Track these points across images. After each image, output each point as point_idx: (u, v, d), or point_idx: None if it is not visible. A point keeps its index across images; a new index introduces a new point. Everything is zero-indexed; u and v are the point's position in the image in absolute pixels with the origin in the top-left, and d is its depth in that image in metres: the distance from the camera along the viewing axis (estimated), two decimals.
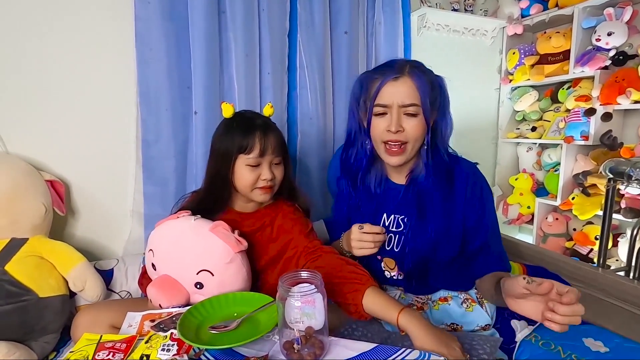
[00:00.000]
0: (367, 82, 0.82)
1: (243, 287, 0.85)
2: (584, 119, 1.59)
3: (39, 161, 1.15)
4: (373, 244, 0.80)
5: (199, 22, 1.21)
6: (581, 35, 1.61)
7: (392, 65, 0.80)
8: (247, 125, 0.87)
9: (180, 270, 0.82)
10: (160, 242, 0.85)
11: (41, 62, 1.13)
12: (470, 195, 0.84)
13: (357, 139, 0.90)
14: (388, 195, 0.90)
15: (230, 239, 0.82)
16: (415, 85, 0.77)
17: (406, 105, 0.78)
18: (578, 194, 1.63)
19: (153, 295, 0.79)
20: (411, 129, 0.79)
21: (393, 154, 0.81)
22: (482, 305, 0.89)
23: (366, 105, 0.83)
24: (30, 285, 0.96)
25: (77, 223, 1.24)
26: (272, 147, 0.87)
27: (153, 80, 1.22)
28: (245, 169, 0.87)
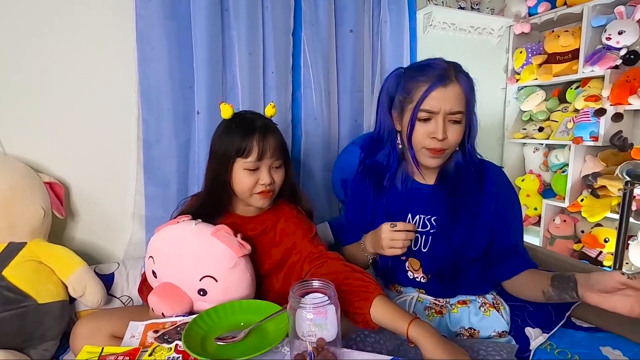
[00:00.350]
0: (408, 84, 0.79)
1: (248, 293, 0.82)
2: (593, 120, 1.56)
3: (38, 162, 1.12)
4: (403, 242, 0.76)
5: (201, 21, 1.19)
6: (591, 34, 1.58)
7: (436, 68, 0.76)
8: (245, 127, 0.83)
9: (183, 277, 0.80)
10: (161, 248, 0.82)
11: (40, 61, 1.10)
12: (502, 198, 0.84)
13: (388, 139, 0.87)
14: (413, 195, 0.88)
15: (233, 242, 0.79)
16: (464, 92, 0.76)
17: (454, 113, 0.75)
18: (587, 196, 1.60)
19: (155, 304, 0.76)
20: (453, 137, 0.77)
21: (435, 154, 0.78)
22: (498, 310, 0.87)
23: (403, 106, 0.80)
24: (29, 291, 0.93)
25: (76, 226, 1.21)
26: (271, 150, 0.83)
27: (154, 80, 1.19)
28: (243, 173, 0.83)
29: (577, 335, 0.89)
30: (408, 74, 0.81)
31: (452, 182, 0.83)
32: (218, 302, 0.77)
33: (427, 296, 0.87)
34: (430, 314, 0.86)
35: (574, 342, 0.86)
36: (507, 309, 0.90)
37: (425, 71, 0.77)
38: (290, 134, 1.41)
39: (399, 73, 0.83)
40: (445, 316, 0.85)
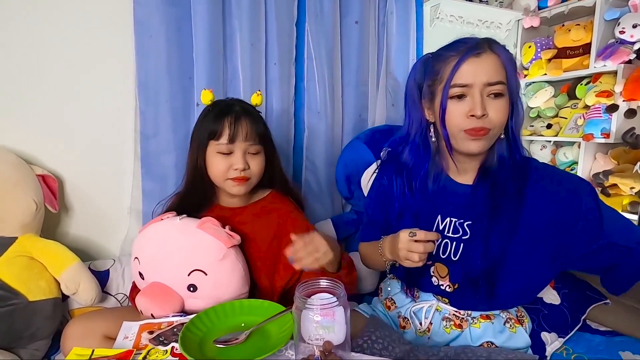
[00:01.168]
0: (436, 64, 0.70)
1: (241, 285, 0.79)
2: (605, 116, 1.51)
3: (31, 154, 1.08)
4: (419, 256, 0.66)
5: (201, 8, 1.14)
6: (603, 28, 1.53)
7: (467, 41, 0.68)
8: (219, 110, 0.82)
9: (170, 274, 0.76)
10: (145, 247, 0.79)
11: (34, 50, 1.06)
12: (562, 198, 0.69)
13: (417, 133, 0.77)
14: (446, 195, 0.77)
15: (220, 234, 0.76)
16: (502, 61, 0.66)
17: (492, 84, 0.64)
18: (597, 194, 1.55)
19: (143, 305, 0.72)
20: (496, 114, 0.65)
21: (477, 135, 0.66)
22: (523, 324, 0.79)
23: (432, 90, 0.70)
24: (19, 288, 0.89)
25: (70, 221, 1.17)
26: (244, 133, 0.80)
27: (152, 70, 1.15)
28: (216, 157, 0.81)
29: (595, 339, 0.85)
30: (435, 55, 0.72)
31: (493, 178, 0.72)
32: (209, 298, 0.74)
33: (447, 306, 0.78)
34: (448, 325, 0.77)
35: (592, 347, 0.82)
36: (530, 321, 0.82)
37: (455, 46, 0.69)
38: (293, 128, 1.37)
39: (426, 58, 0.75)
40: (466, 331, 0.76)
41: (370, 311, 0.92)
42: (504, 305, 0.77)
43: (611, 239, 0.68)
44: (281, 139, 1.34)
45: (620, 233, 0.69)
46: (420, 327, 0.80)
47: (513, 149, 0.72)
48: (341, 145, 1.45)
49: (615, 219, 0.70)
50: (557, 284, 0.96)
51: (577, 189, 0.70)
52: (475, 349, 0.70)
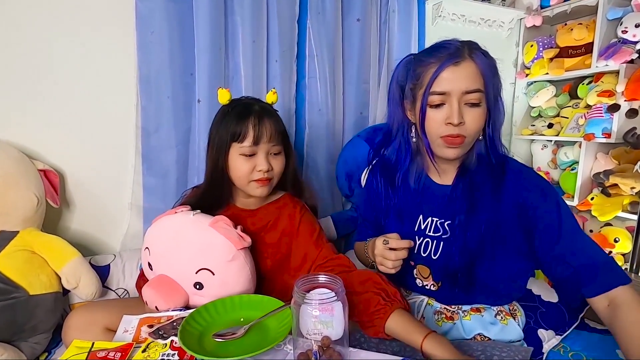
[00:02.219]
0: (417, 67, 0.70)
1: (247, 288, 0.78)
2: (606, 116, 1.51)
3: (32, 149, 1.09)
4: (392, 263, 0.69)
5: (203, 5, 1.14)
6: (605, 27, 1.52)
7: (447, 47, 0.68)
8: (241, 111, 0.80)
9: (178, 270, 0.76)
10: (157, 239, 0.78)
11: (36, 44, 1.06)
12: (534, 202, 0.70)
13: (399, 132, 0.79)
14: (427, 196, 0.79)
15: (232, 234, 0.75)
16: (481, 70, 0.66)
17: (470, 92, 0.66)
18: (597, 194, 1.56)
19: (149, 296, 0.72)
20: (472, 122, 0.67)
21: (453, 144, 0.69)
22: (515, 317, 0.80)
23: (414, 93, 0.72)
24: (20, 282, 0.89)
25: (72, 216, 1.17)
26: (267, 134, 0.79)
27: (154, 66, 1.15)
28: (239, 159, 0.79)
29: (592, 337, 0.85)
30: (417, 58, 0.73)
31: (471, 177, 0.73)
32: (215, 297, 0.73)
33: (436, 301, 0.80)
34: (440, 319, 0.78)
35: (589, 345, 0.82)
36: (524, 316, 0.82)
37: (436, 52, 0.69)
38: (294, 125, 1.37)
39: (408, 59, 0.75)
40: (457, 322, 0.77)
41: None
42: (486, 300, 0.78)
43: (563, 251, 0.68)
44: None
45: (573, 249, 0.68)
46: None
47: (490, 149, 0.73)
48: (342, 142, 1.45)
49: (572, 232, 0.69)
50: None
51: (545, 190, 0.71)
52: (471, 343, 0.71)
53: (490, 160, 0.73)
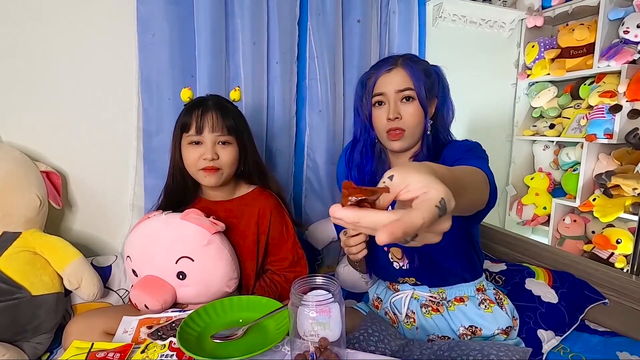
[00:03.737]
0: (366, 80, 0.88)
1: (229, 270, 0.82)
2: (608, 116, 1.50)
3: (35, 151, 1.09)
4: (355, 248, 0.78)
5: (204, 7, 1.15)
6: (607, 28, 1.52)
7: (386, 60, 0.86)
8: (191, 105, 0.88)
9: (159, 265, 0.79)
10: (135, 245, 0.82)
11: (38, 46, 1.07)
12: (447, 153, 0.82)
13: (363, 135, 0.92)
14: None
15: (204, 222, 0.80)
16: (408, 73, 0.82)
17: (401, 90, 0.81)
18: (599, 195, 1.55)
19: (136, 296, 0.75)
20: (409, 116, 0.81)
21: (394, 137, 0.83)
22: (501, 306, 0.85)
23: (366, 100, 0.87)
24: (23, 283, 0.90)
25: (74, 217, 1.18)
26: (211, 124, 0.84)
27: (155, 68, 1.16)
28: (188, 148, 0.86)
29: (593, 339, 0.85)
30: (366, 73, 0.89)
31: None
32: (199, 283, 0.77)
33: (422, 293, 0.87)
34: (427, 311, 0.85)
35: (589, 347, 0.82)
36: (511, 305, 0.88)
37: (376, 65, 0.87)
38: (294, 126, 1.37)
39: (362, 77, 0.91)
40: (444, 314, 0.84)
41: (367, 309, 0.94)
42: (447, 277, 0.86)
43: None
44: (283, 137, 1.35)
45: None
46: (402, 315, 0.87)
47: (435, 141, 0.86)
48: (342, 143, 1.45)
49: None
50: (555, 284, 0.96)
51: (459, 142, 0.83)
52: (469, 343, 0.72)
53: (435, 150, 0.85)
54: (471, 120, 1.81)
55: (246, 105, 1.25)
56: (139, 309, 0.75)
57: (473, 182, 0.53)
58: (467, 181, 0.50)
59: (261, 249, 0.92)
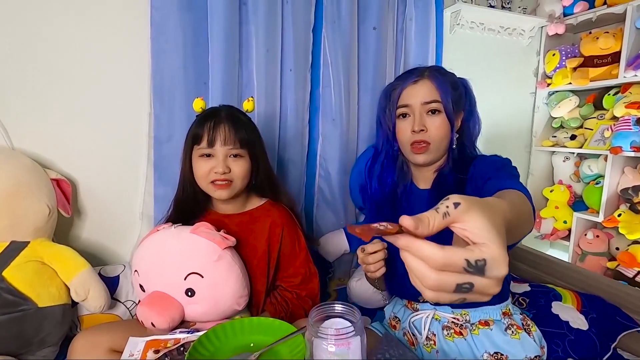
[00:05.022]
0: (390, 91, 0.86)
1: (240, 287, 0.78)
2: (635, 128, 1.44)
3: (46, 158, 1.08)
4: (373, 266, 0.75)
5: (218, 14, 1.13)
6: (634, 36, 1.46)
7: (412, 72, 0.84)
8: (203, 117, 0.86)
9: (167, 281, 0.76)
10: (143, 259, 0.79)
11: (50, 52, 1.06)
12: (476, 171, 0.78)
13: (385, 147, 0.90)
14: (413, 202, 0.88)
15: (214, 236, 0.77)
16: (435, 85, 0.80)
17: (428, 102, 0.79)
18: (625, 211, 1.48)
19: (142, 314, 0.72)
20: (435, 129, 0.80)
21: (418, 151, 0.81)
22: (529, 333, 0.80)
23: (390, 111, 0.85)
24: (29, 294, 0.88)
25: (83, 225, 1.16)
26: (223, 137, 0.82)
27: (168, 75, 1.14)
28: (199, 160, 0.84)
29: None
30: (391, 85, 0.88)
31: (445, 180, 0.82)
32: (208, 301, 0.74)
33: (444, 314, 0.82)
34: (449, 334, 0.80)
35: None
36: (539, 332, 0.82)
37: (402, 76, 0.86)
38: (307, 135, 1.34)
39: (386, 88, 0.90)
40: (468, 338, 0.78)
41: (383, 330, 0.89)
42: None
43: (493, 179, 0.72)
44: (295, 146, 1.31)
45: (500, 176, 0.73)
46: (421, 337, 0.82)
47: (462, 154, 0.84)
48: (356, 153, 1.42)
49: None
50: (584, 308, 0.90)
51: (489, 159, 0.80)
52: None
53: (462, 165, 0.81)
54: (488, 129, 1.76)
55: (259, 113, 1.23)
56: (146, 326, 0.72)
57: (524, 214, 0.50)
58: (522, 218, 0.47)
59: (272, 264, 0.88)
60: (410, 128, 0.80)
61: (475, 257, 0.30)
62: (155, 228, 0.83)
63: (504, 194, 0.54)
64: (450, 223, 0.33)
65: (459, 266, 0.30)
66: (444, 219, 0.32)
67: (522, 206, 0.50)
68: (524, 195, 0.55)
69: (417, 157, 0.82)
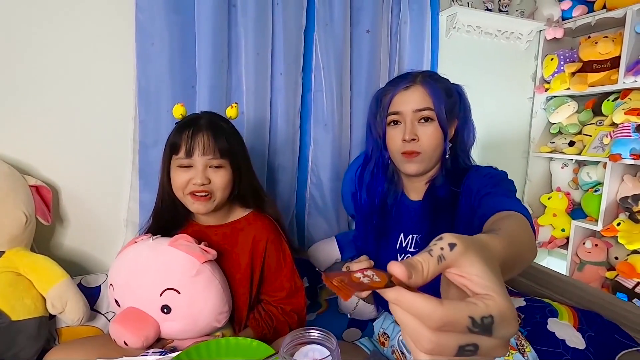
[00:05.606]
0: (381, 96, 0.83)
1: (219, 303, 0.75)
2: (634, 135, 1.40)
3: (25, 163, 1.05)
4: None
5: (206, 15, 1.10)
6: (634, 41, 1.43)
7: (404, 77, 0.80)
8: (182, 125, 0.82)
9: (142, 297, 0.72)
10: (119, 272, 0.76)
11: (31, 53, 1.03)
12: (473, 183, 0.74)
13: (375, 154, 0.87)
14: (404, 214, 0.85)
15: (194, 249, 0.73)
16: (428, 92, 0.76)
17: (420, 110, 0.76)
18: (625, 220, 1.44)
19: (115, 332, 0.68)
20: (427, 138, 0.76)
21: (410, 157, 0.77)
22: (523, 353, 0.76)
23: (380, 117, 0.82)
24: (2, 307, 0.85)
25: (65, 232, 1.13)
26: (201, 147, 0.78)
27: (154, 78, 1.11)
28: (177, 171, 0.80)
29: None
30: (382, 90, 0.84)
31: (437, 192, 0.79)
32: (185, 318, 0.70)
33: None
34: None
35: None
36: (533, 353, 0.79)
37: (393, 81, 0.82)
38: (298, 141, 1.31)
39: (377, 93, 0.86)
40: None
41: (371, 346, 0.86)
42: None
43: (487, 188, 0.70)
44: (286, 152, 1.28)
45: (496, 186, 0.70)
46: (410, 356, 0.77)
47: (454, 165, 0.81)
48: (348, 159, 1.38)
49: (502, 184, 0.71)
50: (581, 325, 0.87)
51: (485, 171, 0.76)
52: None
53: (455, 176, 0.78)
54: (485, 135, 1.72)
55: (248, 118, 1.19)
56: (119, 345, 0.69)
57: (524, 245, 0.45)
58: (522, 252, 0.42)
59: (255, 278, 0.85)
60: (401, 136, 0.77)
61: (481, 313, 0.25)
62: (133, 239, 0.80)
63: (502, 222, 0.50)
64: (445, 268, 0.28)
65: (462, 325, 0.25)
66: (439, 264, 0.28)
67: (522, 235, 0.46)
68: (524, 218, 0.51)
69: (408, 166, 0.78)
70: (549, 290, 1.04)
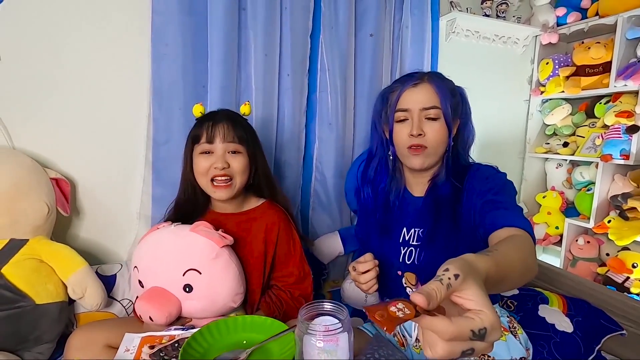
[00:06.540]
0: (388, 94, 0.85)
1: (236, 285, 0.81)
2: (624, 137, 1.47)
3: (46, 158, 1.10)
4: (366, 285, 0.77)
5: (218, 18, 1.15)
6: (624, 47, 1.49)
7: (412, 75, 0.83)
8: (202, 119, 0.89)
9: (166, 276, 0.78)
10: (143, 255, 0.81)
11: (51, 54, 1.08)
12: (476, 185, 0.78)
13: (379, 151, 0.90)
14: (406, 208, 0.88)
15: (213, 235, 0.80)
16: (435, 90, 0.79)
17: (427, 108, 0.79)
18: (615, 217, 1.51)
19: (141, 308, 0.73)
20: (432, 133, 0.79)
21: (415, 152, 0.80)
22: (515, 335, 0.82)
23: (388, 116, 0.84)
24: (27, 291, 0.90)
25: (81, 224, 1.18)
26: (221, 134, 0.85)
27: (167, 78, 1.16)
28: (199, 157, 0.86)
29: None
30: (389, 87, 0.87)
31: (439, 188, 0.83)
32: (205, 297, 0.76)
33: None
34: None
35: None
36: (524, 335, 0.84)
37: (401, 79, 0.84)
38: (303, 139, 1.37)
39: (384, 90, 0.89)
40: None
41: (374, 330, 0.91)
42: None
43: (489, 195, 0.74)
44: (291, 149, 1.34)
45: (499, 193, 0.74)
46: (411, 339, 0.83)
47: (455, 163, 0.84)
48: (352, 157, 1.44)
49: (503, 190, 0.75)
50: (570, 311, 0.93)
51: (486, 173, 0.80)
52: None
53: (455, 173, 0.82)
54: (483, 136, 1.77)
55: (256, 116, 1.25)
56: (144, 320, 0.74)
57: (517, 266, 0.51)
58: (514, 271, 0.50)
59: (268, 263, 0.90)
60: (407, 132, 0.80)
61: (478, 326, 0.34)
62: (155, 226, 0.85)
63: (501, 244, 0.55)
64: (452, 293, 0.37)
65: (466, 336, 0.34)
66: (447, 290, 0.36)
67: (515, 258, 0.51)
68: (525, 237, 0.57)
69: (414, 159, 0.80)
70: (543, 282, 1.10)
